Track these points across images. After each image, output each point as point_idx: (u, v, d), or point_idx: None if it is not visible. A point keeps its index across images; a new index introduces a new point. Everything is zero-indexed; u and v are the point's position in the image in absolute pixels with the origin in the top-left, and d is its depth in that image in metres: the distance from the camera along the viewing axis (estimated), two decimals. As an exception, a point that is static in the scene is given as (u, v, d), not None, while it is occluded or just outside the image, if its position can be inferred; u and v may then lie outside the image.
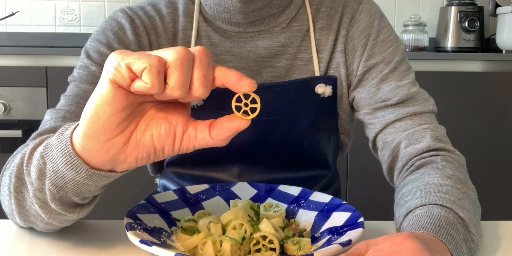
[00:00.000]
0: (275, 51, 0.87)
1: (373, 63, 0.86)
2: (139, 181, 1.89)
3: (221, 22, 0.88)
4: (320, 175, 0.96)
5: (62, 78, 1.88)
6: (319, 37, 0.88)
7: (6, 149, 2.00)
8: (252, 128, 0.88)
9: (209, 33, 0.88)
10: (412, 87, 0.85)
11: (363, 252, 0.50)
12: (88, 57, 0.84)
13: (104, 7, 2.45)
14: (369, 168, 1.93)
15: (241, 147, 0.89)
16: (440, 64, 1.98)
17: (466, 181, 0.70)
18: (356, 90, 0.88)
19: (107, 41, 0.85)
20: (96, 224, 0.75)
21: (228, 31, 0.88)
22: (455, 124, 1.97)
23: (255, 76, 0.88)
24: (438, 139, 0.79)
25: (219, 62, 0.87)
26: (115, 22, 0.87)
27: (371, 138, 0.87)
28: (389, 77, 0.85)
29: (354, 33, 0.88)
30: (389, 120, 0.83)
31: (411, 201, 0.64)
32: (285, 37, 0.88)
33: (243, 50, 0.87)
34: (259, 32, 0.88)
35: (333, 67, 0.88)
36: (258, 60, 0.87)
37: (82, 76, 0.83)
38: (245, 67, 0.87)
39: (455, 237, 0.56)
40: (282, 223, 0.69)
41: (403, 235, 0.49)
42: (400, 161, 0.79)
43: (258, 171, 0.92)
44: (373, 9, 0.90)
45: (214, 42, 0.87)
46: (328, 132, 0.93)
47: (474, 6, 2.23)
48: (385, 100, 0.84)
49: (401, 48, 0.88)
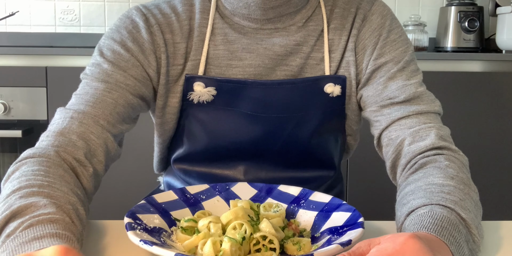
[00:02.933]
0: (290, 49, 0.88)
1: (382, 62, 0.87)
2: (139, 181, 1.89)
3: (240, 18, 0.88)
4: (326, 176, 0.96)
5: (62, 78, 1.89)
6: (332, 37, 0.89)
7: (6, 149, 2.00)
8: (260, 125, 0.89)
9: (226, 30, 0.88)
10: (419, 87, 0.85)
11: (365, 251, 0.50)
12: (101, 55, 0.85)
13: (104, 7, 2.45)
14: (369, 168, 1.93)
15: (248, 144, 0.89)
16: (440, 64, 1.98)
17: (468, 181, 0.70)
18: (364, 88, 0.89)
19: (121, 39, 0.85)
20: (96, 224, 0.75)
21: (246, 27, 0.88)
22: (455, 124, 1.97)
23: (269, 74, 0.88)
24: (442, 138, 0.79)
25: (235, 59, 0.88)
26: (129, 20, 0.87)
27: (376, 136, 0.87)
28: (397, 76, 0.86)
29: (365, 32, 0.89)
30: (395, 117, 0.83)
31: (413, 201, 0.64)
32: (301, 36, 0.89)
33: (259, 47, 0.88)
34: (275, 29, 0.88)
35: (344, 66, 0.89)
36: (274, 58, 0.88)
37: (94, 74, 0.83)
38: (260, 65, 0.88)
39: (457, 238, 0.56)
40: (282, 223, 0.69)
41: (406, 235, 0.49)
42: (404, 158, 0.79)
43: (264, 169, 0.92)
44: (385, 10, 0.91)
45: (230, 39, 0.88)
46: (335, 133, 0.94)
47: (474, 6, 2.23)
48: (392, 98, 0.85)
49: (410, 50, 0.90)
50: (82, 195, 0.69)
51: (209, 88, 0.87)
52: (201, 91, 0.87)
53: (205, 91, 0.87)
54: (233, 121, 0.88)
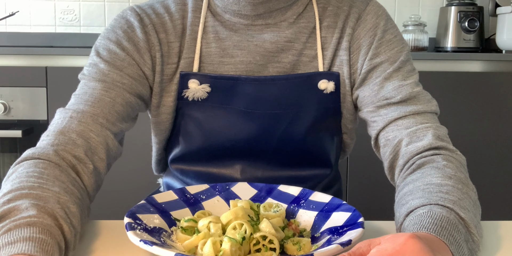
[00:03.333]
0: (281, 46, 0.89)
1: (377, 62, 0.87)
2: (139, 181, 1.89)
3: (230, 15, 0.89)
4: (322, 175, 0.96)
5: (62, 78, 1.89)
6: (325, 35, 0.90)
7: (6, 149, 2.00)
8: (255, 122, 0.89)
9: (217, 28, 0.89)
10: (415, 87, 0.85)
11: (365, 252, 0.50)
12: (97, 55, 0.86)
13: (104, 7, 2.45)
14: (369, 168, 1.93)
15: (244, 142, 0.90)
16: (440, 64, 1.98)
17: (466, 181, 0.70)
18: (360, 89, 0.89)
19: (116, 39, 0.87)
20: (96, 224, 0.75)
21: (237, 24, 0.89)
22: (454, 124, 1.97)
23: (261, 70, 0.89)
24: (439, 138, 0.79)
25: (226, 56, 0.88)
26: (124, 20, 0.89)
27: (373, 136, 0.87)
28: (393, 76, 0.86)
29: (360, 32, 0.89)
30: (392, 117, 0.83)
31: (412, 201, 0.64)
32: (292, 33, 0.89)
33: (250, 44, 0.88)
34: (266, 25, 0.89)
35: (337, 65, 0.90)
36: (265, 55, 0.88)
37: (91, 74, 0.85)
38: (252, 62, 0.88)
39: (456, 238, 0.56)
40: (282, 223, 0.69)
41: (406, 235, 0.49)
42: (401, 158, 0.79)
43: (260, 168, 0.92)
44: (379, 10, 0.91)
45: (221, 36, 0.89)
46: (331, 131, 0.94)
47: (474, 6, 2.23)
48: (388, 98, 0.85)
49: (406, 50, 0.90)
50: (79, 193, 0.69)
51: (203, 85, 0.88)
52: (196, 88, 0.88)
53: (199, 88, 0.87)
54: (228, 118, 0.89)
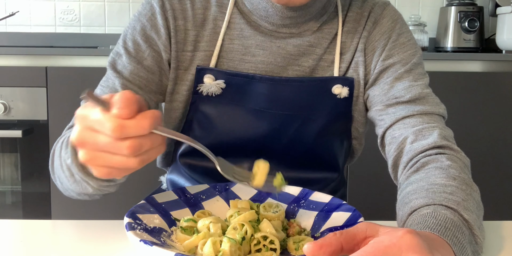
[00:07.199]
0: (303, 50, 0.90)
1: (390, 63, 0.89)
2: (139, 181, 1.89)
3: (257, 18, 0.90)
4: (330, 178, 0.97)
5: (62, 78, 1.89)
6: (345, 39, 0.92)
7: (6, 149, 1.99)
8: (266, 121, 0.89)
9: (242, 26, 0.90)
10: (425, 88, 0.87)
11: (359, 240, 0.50)
12: (123, 45, 0.88)
13: (104, 7, 2.45)
14: (369, 168, 1.93)
15: (254, 141, 0.90)
16: (440, 64, 1.98)
17: (470, 182, 0.70)
18: (371, 88, 0.90)
19: (141, 28, 0.88)
20: (96, 224, 0.75)
21: (262, 27, 0.90)
22: (455, 124, 1.96)
23: (280, 72, 0.90)
24: (445, 138, 0.79)
25: (248, 54, 0.89)
26: (149, 5, 0.90)
27: (380, 134, 0.88)
28: (404, 76, 0.87)
29: (375, 35, 0.91)
30: (399, 116, 0.84)
31: (416, 200, 0.64)
32: (315, 38, 0.91)
33: (273, 45, 0.89)
34: (290, 34, 0.90)
35: (353, 67, 0.91)
36: (286, 57, 0.89)
37: (113, 64, 0.87)
38: (272, 63, 0.89)
39: (460, 239, 0.56)
40: (281, 226, 0.69)
41: (404, 230, 0.49)
42: (405, 156, 0.79)
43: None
44: (395, 15, 0.94)
45: (245, 34, 0.90)
46: (341, 135, 0.95)
47: (474, 6, 2.23)
48: (398, 97, 0.86)
49: (419, 53, 0.91)
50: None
51: (218, 81, 0.88)
52: (211, 83, 0.88)
53: (214, 83, 0.88)
54: (240, 116, 0.89)
